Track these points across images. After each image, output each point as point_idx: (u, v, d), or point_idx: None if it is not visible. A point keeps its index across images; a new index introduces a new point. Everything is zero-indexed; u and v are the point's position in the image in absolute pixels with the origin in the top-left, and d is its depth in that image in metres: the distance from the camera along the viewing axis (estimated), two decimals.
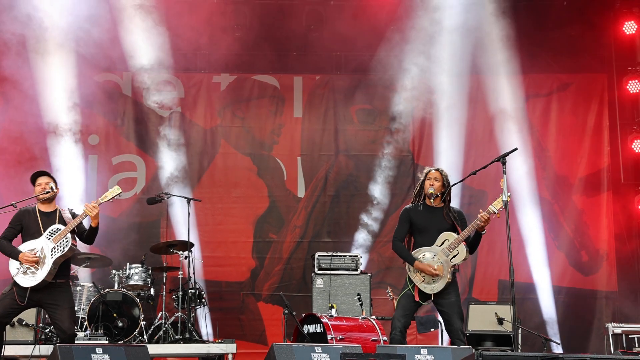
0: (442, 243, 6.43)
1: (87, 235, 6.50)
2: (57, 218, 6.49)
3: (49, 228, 6.39)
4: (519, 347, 8.03)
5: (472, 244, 6.48)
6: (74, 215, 6.54)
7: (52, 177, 6.60)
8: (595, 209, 10.28)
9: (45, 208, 6.53)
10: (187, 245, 8.70)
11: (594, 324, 9.94)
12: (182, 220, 9.69)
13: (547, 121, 10.43)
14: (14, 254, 6.36)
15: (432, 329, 8.62)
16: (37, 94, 9.68)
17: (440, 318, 7.87)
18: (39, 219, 6.44)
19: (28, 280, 6.29)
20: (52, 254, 6.31)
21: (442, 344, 8.68)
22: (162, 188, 9.75)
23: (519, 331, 8.62)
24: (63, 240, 6.34)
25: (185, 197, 9.02)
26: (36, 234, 6.40)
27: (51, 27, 9.34)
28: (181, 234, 9.62)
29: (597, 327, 9.90)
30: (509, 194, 6.11)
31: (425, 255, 6.43)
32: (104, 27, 9.33)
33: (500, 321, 8.59)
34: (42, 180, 6.53)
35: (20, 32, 9.30)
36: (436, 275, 6.36)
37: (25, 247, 6.39)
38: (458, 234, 6.43)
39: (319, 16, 10.20)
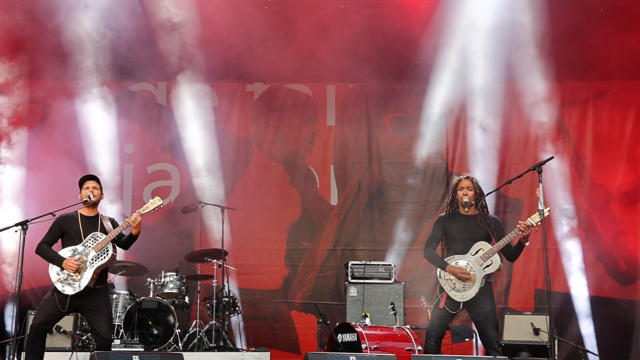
0: (477, 252, 6.40)
1: (125, 241, 6.55)
2: (99, 225, 6.54)
3: (90, 235, 6.44)
4: (556, 358, 7.91)
5: (514, 253, 6.43)
6: (114, 224, 6.62)
7: (99, 182, 6.68)
8: (634, 218, 10.08)
9: (88, 212, 6.59)
10: (221, 254, 8.73)
11: (633, 334, 9.72)
12: (215, 228, 9.74)
13: (584, 129, 10.29)
14: (57, 260, 6.38)
15: (467, 339, 8.52)
16: (74, 104, 9.83)
17: (474, 328, 7.82)
18: (80, 223, 6.49)
19: (69, 287, 6.33)
20: (92, 263, 6.37)
21: (476, 354, 8.60)
22: (196, 196, 9.79)
23: (556, 342, 8.49)
24: (104, 250, 6.40)
25: (219, 206, 9.07)
26: (77, 239, 6.45)
27: (88, 36, 9.46)
28: (215, 242, 9.66)
29: (636, 337, 9.69)
30: (547, 209, 6.07)
31: (459, 262, 6.39)
32: (140, 36, 9.41)
33: (537, 331, 8.49)
34: (89, 184, 6.60)
35: (57, 42, 9.44)
36: (468, 279, 6.31)
37: (66, 253, 6.42)
38: (492, 242, 6.39)
39: (352, 25, 10.19)
